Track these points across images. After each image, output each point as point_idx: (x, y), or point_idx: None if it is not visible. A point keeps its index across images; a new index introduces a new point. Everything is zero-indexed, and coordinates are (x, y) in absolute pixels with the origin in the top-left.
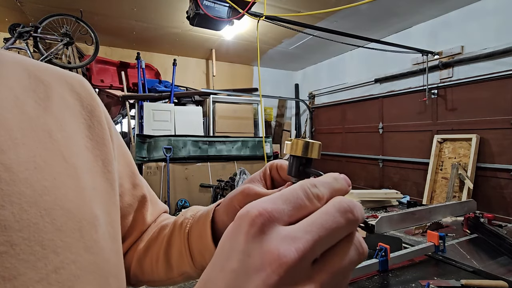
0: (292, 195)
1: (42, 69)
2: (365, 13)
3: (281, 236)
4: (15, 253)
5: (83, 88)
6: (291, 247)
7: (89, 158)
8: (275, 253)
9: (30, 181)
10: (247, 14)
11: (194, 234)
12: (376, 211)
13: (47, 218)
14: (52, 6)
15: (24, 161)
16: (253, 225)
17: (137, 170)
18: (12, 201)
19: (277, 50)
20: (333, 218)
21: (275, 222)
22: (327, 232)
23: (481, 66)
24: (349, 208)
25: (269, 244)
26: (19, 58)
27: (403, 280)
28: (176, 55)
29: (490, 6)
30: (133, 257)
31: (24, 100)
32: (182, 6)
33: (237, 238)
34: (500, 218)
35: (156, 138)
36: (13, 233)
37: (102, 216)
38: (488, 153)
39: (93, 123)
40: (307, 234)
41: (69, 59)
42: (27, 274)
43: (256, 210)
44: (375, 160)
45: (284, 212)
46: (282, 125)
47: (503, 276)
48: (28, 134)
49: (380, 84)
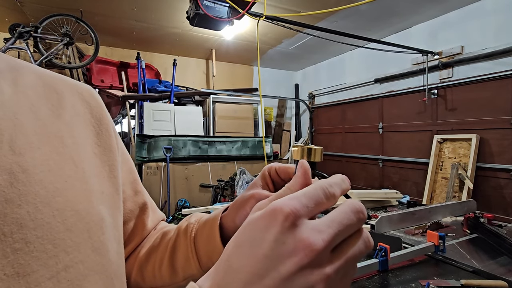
0: (313, 194)
1: (55, 78)
2: (365, 13)
3: (310, 228)
4: (29, 250)
5: (93, 98)
6: (319, 237)
7: (97, 163)
8: (307, 241)
9: (44, 182)
10: (247, 14)
11: (201, 238)
12: (376, 211)
13: (59, 218)
14: (52, 6)
15: (39, 163)
16: (287, 219)
17: (139, 177)
18: (28, 201)
19: (277, 50)
20: (348, 217)
21: (303, 216)
22: (344, 227)
23: (481, 66)
24: (360, 209)
25: (301, 234)
26: (34, 67)
27: (403, 280)
28: (176, 55)
29: (489, 6)
30: (134, 264)
31: (39, 107)
32: (182, 6)
33: (269, 229)
34: (500, 218)
35: (156, 138)
36: (28, 231)
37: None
38: (488, 153)
39: (102, 131)
40: (330, 228)
41: (69, 59)
42: (40, 271)
43: (288, 207)
44: (375, 160)
45: (309, 208)
46: (282, 125)
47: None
48: (42, 139)
49: (380, 84)
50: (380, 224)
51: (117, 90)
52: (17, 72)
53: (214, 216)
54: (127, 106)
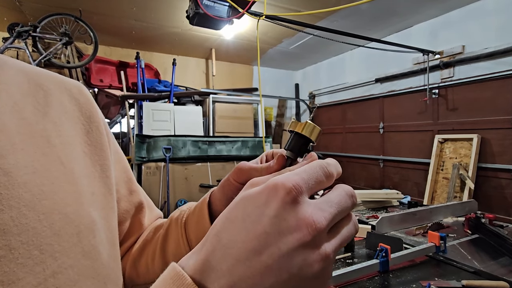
0: (314, 172)
1: (42, 75)
2: (366, 13)
3: (312, 206)
4: (13, 257)
5: (82, 95)
6: (321, 216)
7: (87, 163)
8: (310, 219)
9: (29, 185)
10: (247, 13)
11: (192, 222)
12: (377, 211)
13: (46, 223)
14: (51, 6)
15: (23, 165)
16: (289, 194)
17: (134, 176)
18: (11, 205)
19: (277, 50)
20: (345, 199)
21: (304, 193)
22: (342, 209)
23: (482, 66)
24: (354, 193)
25: (304, 212)
26: (19, 63)
27: (404, 281)
28: (176, 55)
29: (490, 6)
30: (128, 260)
31: (23, 105)
32: (181, 5)
33: (269, 205)
34: (501, 218)
35: (155, 138)
36: (12, 237)
37: (100, 221)
38: (489, 153)
39: (92, 129)
40: (331, 208)
41: (68, 59)
42: (26, 278)
43: (290, 182)
44: (375, 160)
45: (310, 185)
46: (282, 125)
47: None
48: (26, 139)
49: (381, 84)
50: (381, 225)
51: (116, 90)
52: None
53: (203, 197)
54: (126, 106)
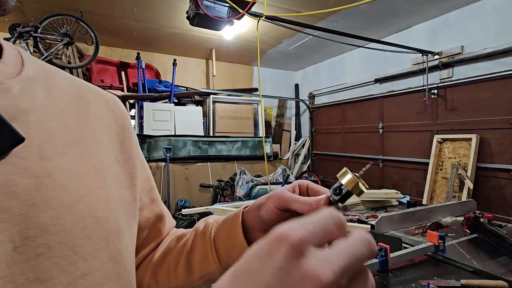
0: (322, 221)
1: (83, 86)
2: (365, 13)
3: (318, 258)
4: (50, 256)
5: (118, 107)
6: (327, 268)
7: (119, 170)
8: (315, 272)
9: (68, 188)
10: (247, 14)
11: (221, 235)
12: (376, 211)
13: (80, 224)
14: (52, 6)
15: (64, 169)
16: (293, 246)
17: (155, 185)
18: (52, 206)
19: (277, 50)
20: (359, 248)
21: (310, 244)
22: (355, 259)
23: (481, 66)
24: (371, 240)
25: (308, 265)
26: (64, 74)
27: (403, 280)
28: (176, 55)
29: (490, 6)
30: (147, 269)
31: (68, 113)
32: (182, 6)
33: (273, 257)
34: (500, 218)
35: (156, 138)
36: (50, 237)
37: (125, 227)
38: (488, 153)
39: (125, 139)
40: (340, 258)
41: (69, 59)
42: (58, 277)
43: (295, 234)
44: (375, 160)
45: (317, 235)
46: (282, 125)
47: (503, 276)
48: (68, 144)
49: (380, 84)
50: (380, 224)
51: (117, 90)
52: (50, 78)
53: (235, 213)
54: (127, 106)
